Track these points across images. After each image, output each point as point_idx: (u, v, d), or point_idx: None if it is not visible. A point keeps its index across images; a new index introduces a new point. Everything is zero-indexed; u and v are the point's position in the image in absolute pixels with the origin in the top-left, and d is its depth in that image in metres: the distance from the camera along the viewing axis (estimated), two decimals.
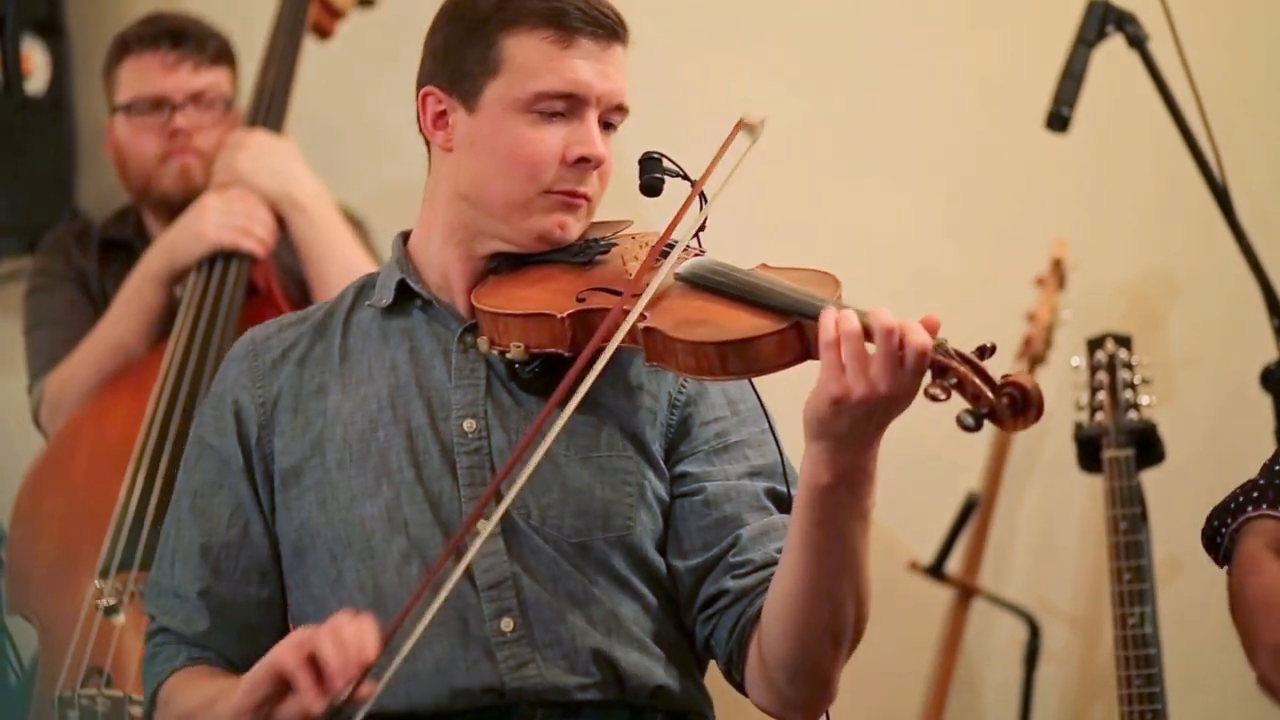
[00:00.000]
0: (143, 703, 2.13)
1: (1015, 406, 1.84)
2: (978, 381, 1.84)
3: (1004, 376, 1.85)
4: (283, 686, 1.91)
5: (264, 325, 2.18)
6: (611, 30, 2.07)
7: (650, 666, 2.06)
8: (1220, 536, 2.20)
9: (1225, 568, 2.20)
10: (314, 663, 1.88)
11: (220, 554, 2.10)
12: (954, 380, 1.84)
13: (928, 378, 1.86)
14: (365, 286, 2.18)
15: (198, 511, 2.11)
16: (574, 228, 2.09)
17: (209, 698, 2.04)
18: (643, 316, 1.97)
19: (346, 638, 1.88)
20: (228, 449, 2.12)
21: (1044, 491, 3.47)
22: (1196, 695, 3.33)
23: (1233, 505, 2.21)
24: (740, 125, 2.07)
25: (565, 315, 2.00)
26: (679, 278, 2.02)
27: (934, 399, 1.85)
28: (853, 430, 1.87)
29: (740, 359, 1.92)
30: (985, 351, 1.87)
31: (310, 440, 2.09)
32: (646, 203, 2.11)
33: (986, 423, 1.84)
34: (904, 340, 1.84)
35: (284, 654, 1.90)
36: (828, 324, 1.86)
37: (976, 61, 3.49)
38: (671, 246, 2.05)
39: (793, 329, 1.92)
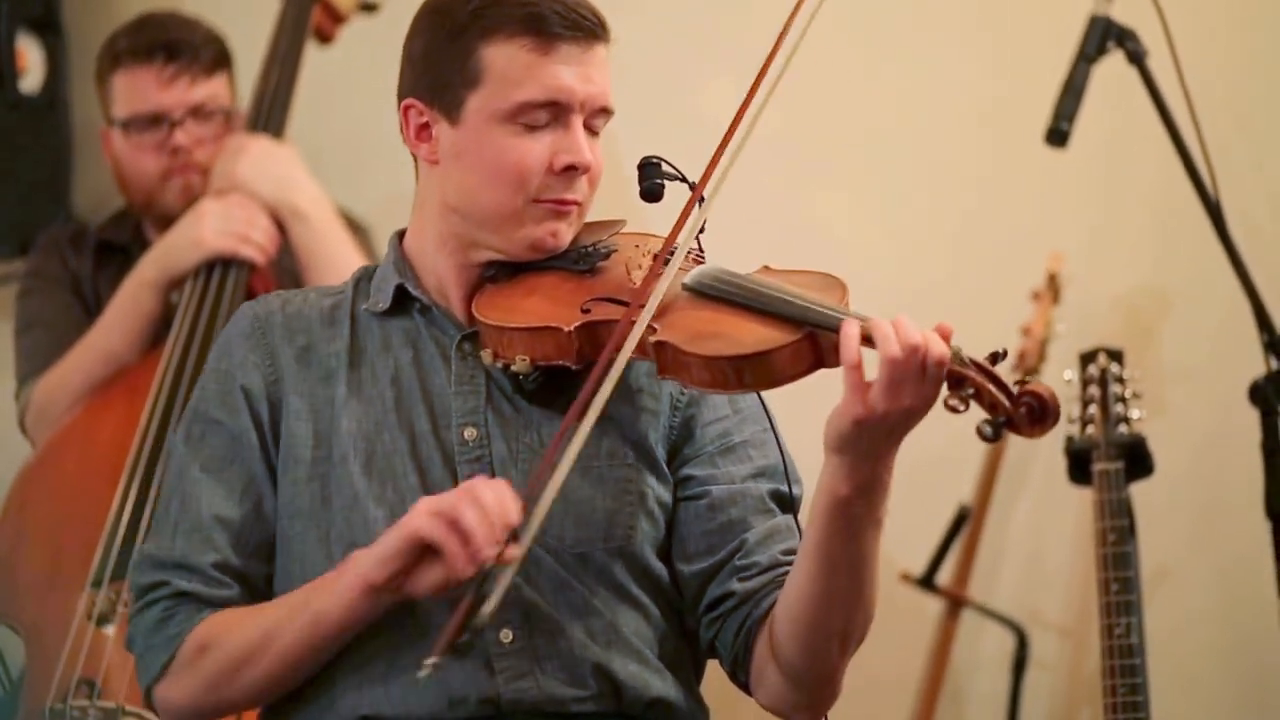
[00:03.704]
0: (145, 679, 2.05)
1: (1033, 415, 1.86)
2: (995, 391, 1.86)
3: (1019, 384, 1.87)
4: (418, 557, 1.89)
5: (264, 300, 2.15)
6: (591, 32, 2.05)
7: (648, 678, 2.06)
8: None
9: None
10: (458, 528, 1.88)
11: (237, 527, 2.06)
12: (971, 390, 1.86)
13: (945, 389, 1.87)
14: (363, 280, 2.17)
15: (208, 483, 2.07)
16: (566, 234, 2.08)
17: (286, 605, 2.01)
18: (653, 329, 1.97)
19: (488, 502, 1.87)
20: (238, 426, 2.09)
21: (1034, 504, 3.48)
22: (1181, 705, 3.35)
23: None
24: None
25: (572, 328, 2.00)
26: (687, 288, 2.02)
27: (954, 410, 1.87)
28: (872, 444, 1.89)
29: (755, 372, 1.93)
30: (997, 357, 1.89)
31: (316, 429, 2.08)
32: (639, 202, 2.11)
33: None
34: (925, 351, 1.85)
35: (424, 522, 1.88)
36: (850, 335, 1.87)
37: (976, 75, 3.50)
38: (674, 253, 2.05)
39: (806, 340, 1.92)
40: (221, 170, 3.15)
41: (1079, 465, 3.12)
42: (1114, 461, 3.08)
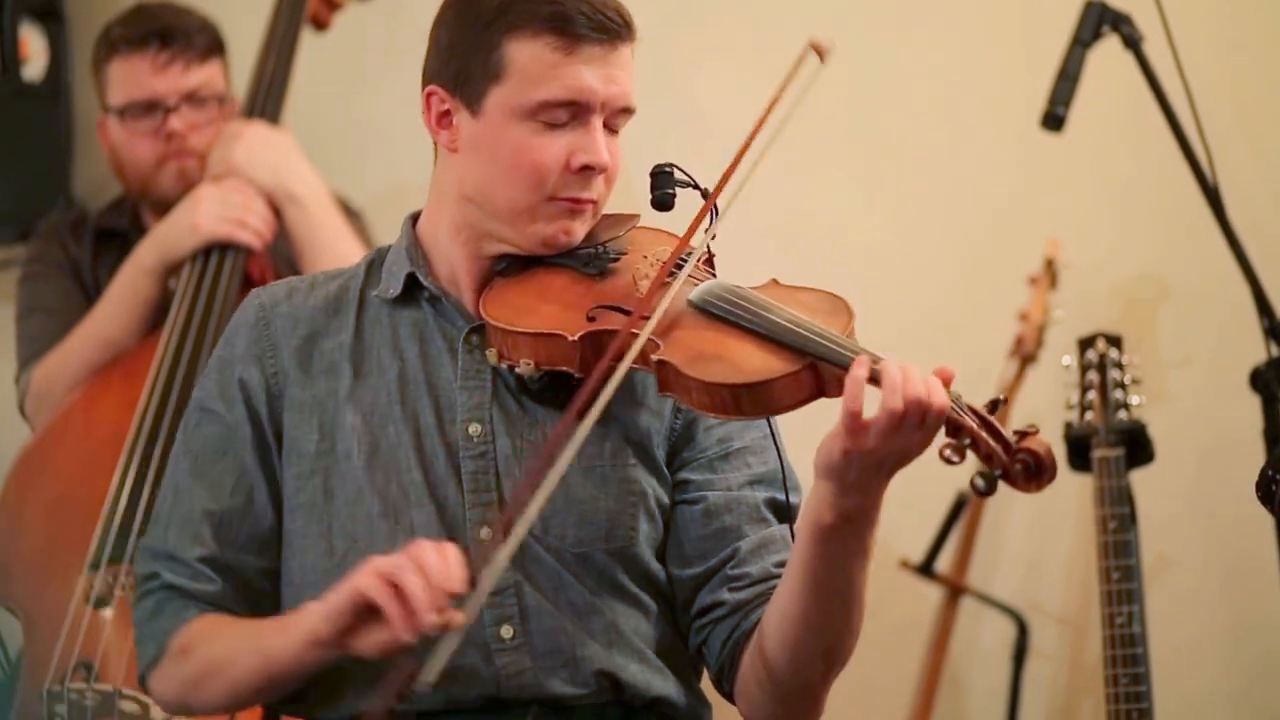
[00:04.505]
0: (140, 666, 2.08)
1: (1029, 471, 1.85)
2: (992, 442, 1.84)
3: (1017, 437, 1.85)
4: (364, 616, 1.88)
5: (271, 289, 2.15)
6: (617, 32, 2.03)
7: (649, 677, 2.07)
8: (1275, 485, 2.20)
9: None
10: (400, 593, 1.85)
11: (223, 520, 2.06)
12: (968, 440, 1.84)
13: (941, 435, 1.86)
14: (375, 263, 2.16)
15: (198, 476, 2.08)
16: (579, 232, 2.08)
17: (249, 633, 2.02)
18: (656, 345, 1.96)
19: (432, 566, 1.85)
20: (233, 417, 2.09)
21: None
22: (1183, 694, 3.34)
23: (1276, 453, 2.21)
24: (809, 48, 2.07)
25: (576, 337, 1.99)
26: (692, 304, 2.00)
27: (949, 462, 1.85)
28: (861, 478, 1.88)
29: (754, 400, 1.91)
30: (996, 405, 1.87)
31: (320, 422, 2.08)
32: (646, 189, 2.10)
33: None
34: (927, 403, 1.84)
35: (368, 583, 1.87)
36: (857, 380, 1.85)
37: (972, 61, 3.50)
38: (682, 262, 2.04)
39: (808, 370, 1.91)
40: (218, 156, 3.15)
41: (1079, 452, 3.11)
42: (1114, 448, 3.07)
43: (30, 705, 2.84)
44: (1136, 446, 3.09)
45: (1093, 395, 3.11)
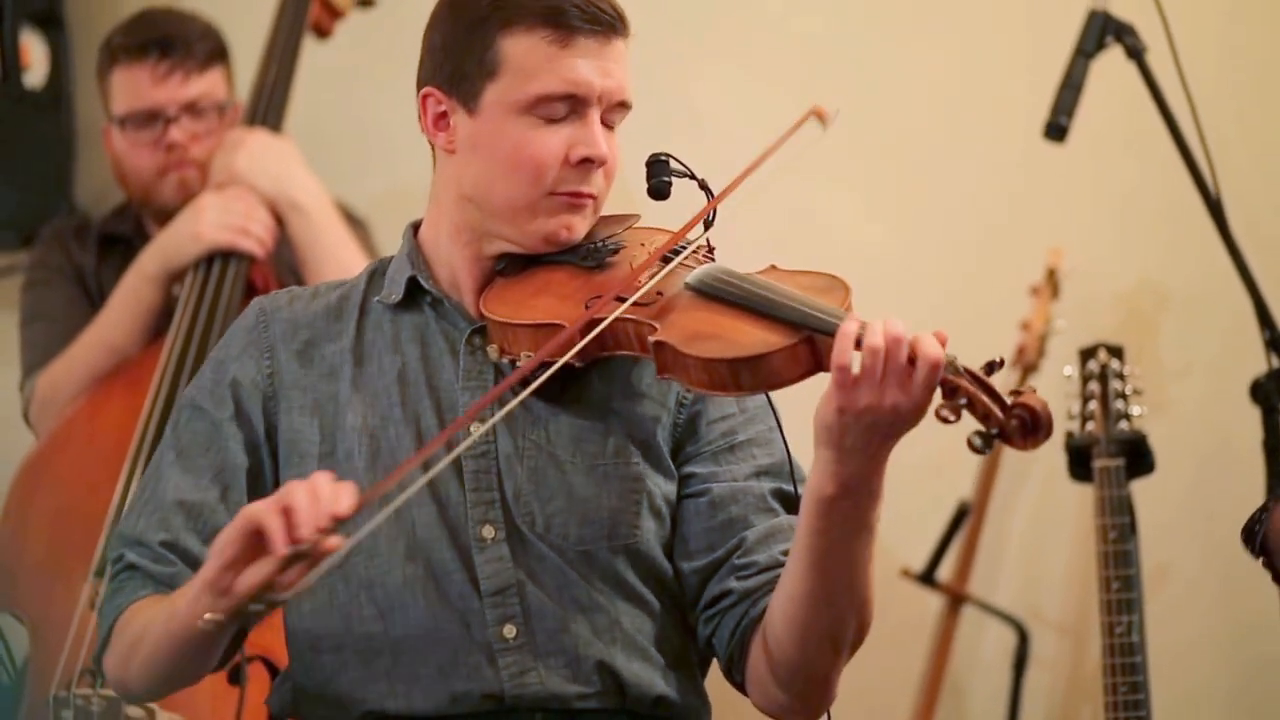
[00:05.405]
0: (97, 649, 2.07)
1: (1025, 428, 1.84)
2: (987, 401, 1.84)
3: (1013, 395, 1.85)
4: (254, 545, 1.84)
5: (274, 295, 2.16)
6: (610, 25, 2.04)
7: (652, 676, 2.06)
8: (1257, 525, 2.21)
9: (1260, 560, 2.21)
10: (287, 513, 1.82)
11: (193, 511, 2.06)
12: (964, 400, 1.84)
13: (937, 397, 1.86)
14: (377, 273, 2.17)
15: (179, 468, 2.07)
16: (580, 227, 2.08)
17: (170, 598, 1.98)
18: (653, 328, 1.97)
19: (321, 489, 1.84)
20: (221, 415, 2.09)
21: (1035, 500, 3.48)
22: (1180, 700, 3.34)
23: (1267, 500, 2.23)
24: (811, 113, 2.08)
25: (576, 326, 1.99)
26: (688, 287, 2.01)
27: (945, 420, 1.84)
28: (859, 442, 1.87)
29: (753, 375, 1.91)
30: (993, 367, 1.87)
31: (320, 424, 2.08)
32: (643, 196, 2.10)
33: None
34: (916, 353, 1.84)
35: (256, 506, 1.84)
36: (846, 334, 1.86)
37: (974, 70, 3.50)
38: (677, 251, 2.05)
39: (804, 343, 1.91)
40: (220, 164, 3.16)
41: (1079, 462, 3.12)
42: (1114, 458, 3.08)
43: (37, 711, 2.84)
44: (1137, 456, 3.10)
45: (1094, 405, 3.12)
